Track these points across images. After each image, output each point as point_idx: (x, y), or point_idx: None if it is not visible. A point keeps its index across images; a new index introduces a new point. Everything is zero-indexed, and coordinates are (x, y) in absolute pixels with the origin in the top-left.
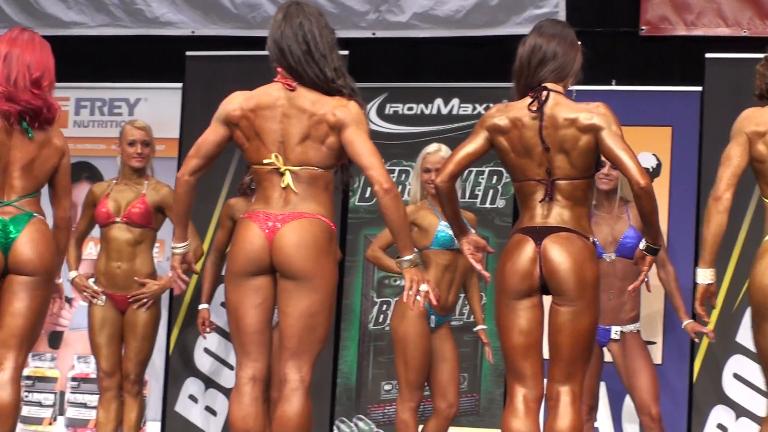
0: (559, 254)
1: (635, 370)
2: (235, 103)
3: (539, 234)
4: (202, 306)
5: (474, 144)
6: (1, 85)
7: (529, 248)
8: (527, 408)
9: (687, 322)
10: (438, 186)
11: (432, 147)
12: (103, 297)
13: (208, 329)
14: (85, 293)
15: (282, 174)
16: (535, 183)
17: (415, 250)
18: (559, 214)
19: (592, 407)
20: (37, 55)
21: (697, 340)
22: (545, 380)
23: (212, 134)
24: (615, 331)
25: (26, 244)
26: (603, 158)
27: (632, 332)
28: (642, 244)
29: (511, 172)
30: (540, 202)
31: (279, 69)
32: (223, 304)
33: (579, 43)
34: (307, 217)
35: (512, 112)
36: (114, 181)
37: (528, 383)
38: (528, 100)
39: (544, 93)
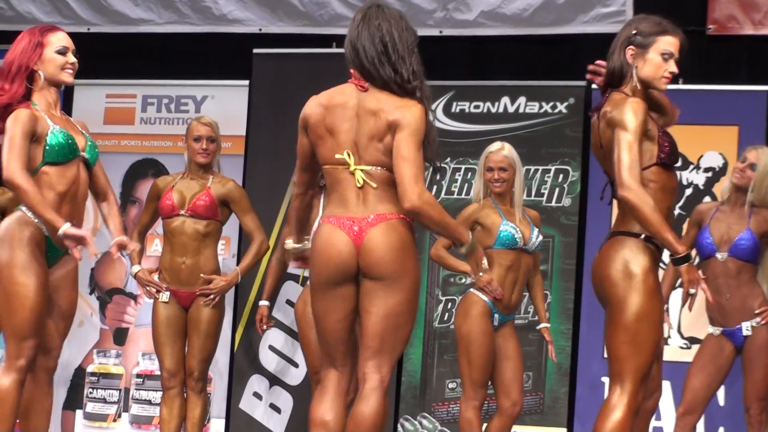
0: (602, 261)
1: (747, 364)
2: (309, 105)
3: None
4: (262, 302)
5: None
6: None
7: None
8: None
9: None
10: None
11: (495, 146)
12: (167, 293)
13: (265, 326)
14: (148, 287)
15: (353, 174)
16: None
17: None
18: (618, 215)
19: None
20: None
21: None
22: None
23: (302, 144)
24: (746, 327)
25: None
26: (745, 154)
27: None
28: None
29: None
30: (609, 204)
31: (352, 71)
32: (288, 302)
33: (632, 33)
34: (389, 219)
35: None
36: (180, 175)
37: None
38: None
39: (605, 95)
